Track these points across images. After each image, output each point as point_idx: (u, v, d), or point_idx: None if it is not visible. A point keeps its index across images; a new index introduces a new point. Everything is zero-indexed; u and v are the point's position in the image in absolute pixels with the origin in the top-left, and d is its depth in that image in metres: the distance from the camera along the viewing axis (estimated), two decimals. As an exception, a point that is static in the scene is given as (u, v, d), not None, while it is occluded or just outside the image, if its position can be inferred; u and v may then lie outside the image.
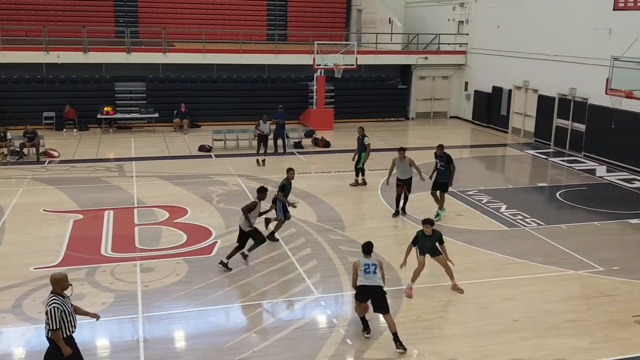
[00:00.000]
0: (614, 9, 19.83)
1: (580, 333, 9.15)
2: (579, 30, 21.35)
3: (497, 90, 26.53)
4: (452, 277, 10.49)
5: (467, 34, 28.83)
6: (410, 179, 14.41)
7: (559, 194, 16.64)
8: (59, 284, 6.81)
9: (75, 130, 24.76)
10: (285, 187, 12.78)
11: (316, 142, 22.95)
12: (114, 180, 17.33)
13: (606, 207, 15.34)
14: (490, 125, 27.15)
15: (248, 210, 11.34)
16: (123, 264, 11.41)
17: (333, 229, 13.56)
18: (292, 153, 21.48)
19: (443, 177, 14.18)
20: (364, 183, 17.12)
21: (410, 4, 34.31)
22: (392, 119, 28.70)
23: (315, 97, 26.48)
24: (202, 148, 21.60)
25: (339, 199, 15.88)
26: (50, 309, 6.66)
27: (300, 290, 10.45)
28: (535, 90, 24.16)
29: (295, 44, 30.88)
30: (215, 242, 12.63)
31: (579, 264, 11.70)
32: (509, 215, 14.65)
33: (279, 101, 23.94)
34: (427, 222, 10.26)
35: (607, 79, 15.75)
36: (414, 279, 10.35)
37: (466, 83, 29.16)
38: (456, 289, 10.47)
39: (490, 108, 27.11)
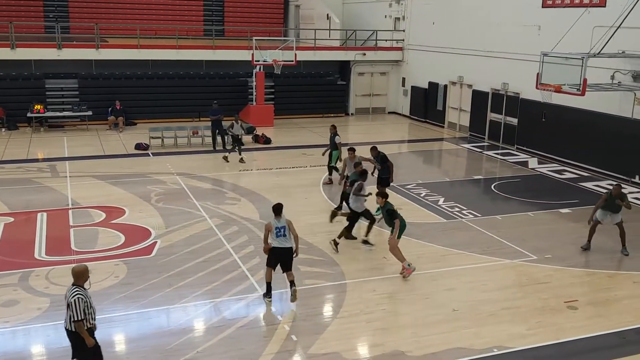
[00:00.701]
0: (542, 6, 20.61)
1: (517, 320, 9.48)
2: (510, 27, 22.07)
3: (433, 85, 27.13)
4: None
5: (404, 31, 29.31)
6: None
7: (494, 186, 17.18)
8: (82, 276, 6.95)
9: (3, 129, 23.69)
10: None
11: (257, 138, 22.82)
12: (47, 181, 16.68)
13: (538, 198, 15.95)
14: (427, 120, 27.72)
15: (358, 190, 12.10)
16: (58, 268, 11.00)
17: (275, 225, 13.50)
18: (233, 150, 21.25)
19: (383, 173, 14.51)
20: (330, 182, 17.12)
21: (347, 1, 34.57)
22: (332, 115, 28.85)
23: (254, 93, 26.30)
24: (138, 146, 21.09)
25: (281, 196, 15.79)
26: (75, 300, 6.76)
27: (244, 289, 10.38)
28: (470, 86, 24.83)
29: (233, 39, 30.55)
30: (155, 243, 12.37)
31: (514, 254, 12.12)
32: (447, 208, 15.01)
33: (218, 97, 23.67)
34: (377, 194, 11.14)
35: (538, 74, 16.35)
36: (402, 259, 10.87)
37: (403, 79, 29.66)
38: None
39: (427, 103, 27.67)
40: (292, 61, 25.50)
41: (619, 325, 9.30)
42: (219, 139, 21.24)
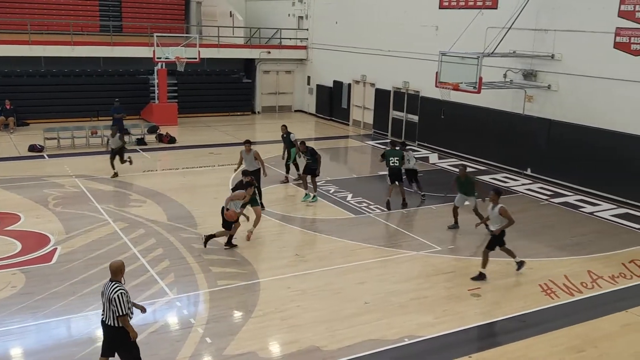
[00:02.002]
0: (439, 7, 21.49)
1: (424, 309, 9.84)
2: (409, 27, 22.84)
3: (338, 84, 27.57)
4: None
5: (307, 30, 29.55)
6: (258, 170, 14.51)
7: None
8: (120, 272, 7.11)
9: None
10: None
11: (160, 138, 22.20)
12: None
13: (439, 192, 16.62)
14: (332, 118, 28.14)
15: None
16: (-54, 280, 10.18)
17: (184, 227, 13.23)
18: (135, 150, 20.57)
19: (313, 164, 15.21)
20: (287, 180, 16.90)
21: (250, -2, 34.43)
22: (238, 113, 28.62)
23: (157, 91, 25.57)
24: (32, 148, 19.91)
25: (189, 196, 15.53)
26: (118, 295, 6.92)
27: (154, 293, 10.07)
28: (373, 84, 25.47)
29: (132, 35, 29.53)
30: (55, 249, 11.73)
31: (419, 245, 12.57)
32: (355, 203, 15.32)
33: (118, 96, 22.87)
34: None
35: (437, 72, 17.03)
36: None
37: (308, 77, 29.92)
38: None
39: (332, 102, 28.09)
40: (196, 58, 25.03)
41: (518, 309, 9.88)
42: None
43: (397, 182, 15.02)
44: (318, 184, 15.98)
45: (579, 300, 10.31)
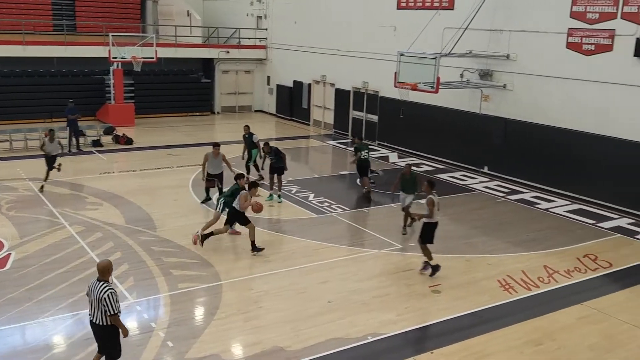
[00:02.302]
0: (397, 8, 21.71)
1: (387, 307, 9.93)
2: (368, 27, 23.00)
3: (298, 84, 27.56)
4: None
5: (266, 29, 29.45)
6: (222, 173, 14.42)
7: (359, 181, 17.79)
8: (108, 271, 7.14)
9: None
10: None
11: (117, 139, 21.78)
12: None
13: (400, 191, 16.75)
14: (293, 118, 28.11)
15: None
16: None
17: (143, 229, 13.02)
18: (91, 152, 20.15)
19: (278, 163, 15.35)
20: (261, 178, 16.70)
21: (208, -2, 34.12)
22: (197, 114, 28.32)
23: (113, 91, 25.07)
24: (-17, 151, 19.29)
25: (147, 198, 15.28)
26: (108, 294, 6.93)
27: (113, 297, 9.87)
28: (332, 84, 25.55)
29: (86, 35, 28.86)
30: (9, 254, 11.38)
31: (381, 244, 12.68)
32: (317, 203, 15.34)
33: (72, 97, 22.31)
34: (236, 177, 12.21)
35: (395, 73, 17.19)
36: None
37: (268, 77, 29.82)
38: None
39: (292, 102, 28.06)
40: (153, 58, 24.63)
41: (477, 305, 10.06)
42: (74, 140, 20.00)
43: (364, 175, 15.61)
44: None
45: (536, 295, 10.56)
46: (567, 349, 8.78)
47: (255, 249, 11.82)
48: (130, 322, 9.17)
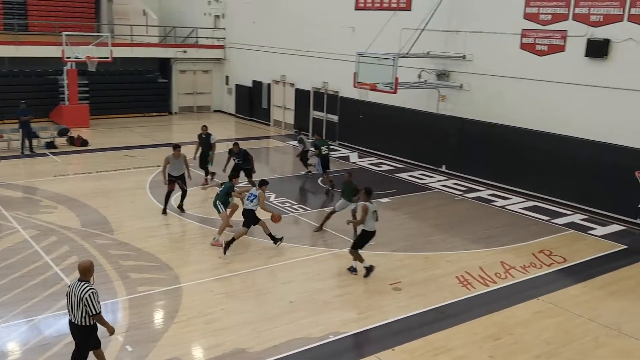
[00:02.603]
0: (355, 9, 21.84)
1: (349, 306, 9.98)
2: (327, 28, 23.06)
3: (257, 84, 27.44)
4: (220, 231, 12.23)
5: (224, 29, 29.22)
6: (184, 175, 14.24)
7: (320, 180, 17.85)
8: (89, 272, 7.06)
9: None
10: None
11: (72, 141, 21.27)
12: None
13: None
14: (253, 119, 27.97)
15: None
16: None
17: (100, 232, 12.75)
18: (45, 154, 19.63)
19: (246, 165, 15.49)
20: (206, 181, 16.45)
21: (164, -3, 33.65)
22: (154, 114, 27.90)
23: (66, 92, 24.47)
24: None
25: (104, 201, 14.97)
26: (90, 294, 6.91)
27: (69, 302, 9.63)
28: (292, 84, 25.53)
29: (39, 34, 28.09)
30: (-41, 261, 10.99)
31: (343, 243, 12.70)
32: (278, 204, 15.30)
33: (25, 97, 21.64)
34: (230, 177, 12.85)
35: (354, 73, 17.30)
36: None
37: (227, 77, 29.60)
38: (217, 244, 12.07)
39: (251, 102, 27.92)
40: (108, 58, 24.16)
41: (438, 301, 10.20)
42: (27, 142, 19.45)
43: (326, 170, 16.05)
44: (239, 184, 15.82)
45: (494, 290, 10.77)
46: (524, 342, 8.99)
47: (275, 240, 12.28)
48: (87, 327, 8.98)
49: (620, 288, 11.09)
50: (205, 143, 16.56)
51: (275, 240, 12.30)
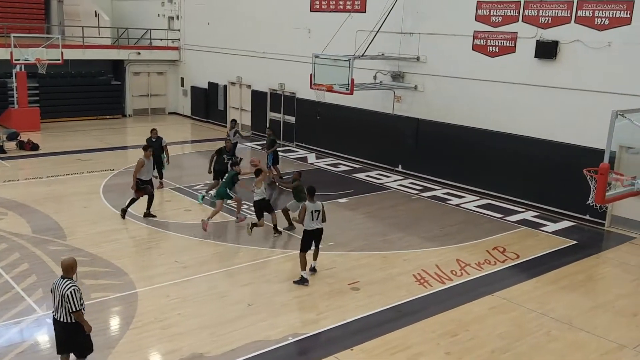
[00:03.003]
0: (311, 10, 21.89)
1: (308, 307, 9.99)
2: (283, 29, 23.05)
3: (213, 85, 27.21)
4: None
5: (179, 30, 28.88)
6: (151, 179, 14.05)
7: (278, 182, 17.80)
8: (72, 269, 7.20)
9: None
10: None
11: (22, 145, 20.65)
12: None
13: (319, 191, 16.82)
14: (209, 120, 27.71)
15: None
16: None
17: (52, 239, 12.42)
18: (-7, 159, 19.02)
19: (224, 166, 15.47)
20: (161, 186, 16.20)
21: (117, -3, 33.04)
22: (107, 117, 27.35)
23: (16, 95, 23.76)
24: None
25: (56, 206, 14.60)
26: (71, 291, 7.03)
27: (21, 311, 9.36)
28: (249, 86, 25.41)
29: (-15, 36, 27.19)
30: None
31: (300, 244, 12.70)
32: (234, 206, 15.15)
33: (-29, 101, 20.96)
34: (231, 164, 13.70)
35: (311, 74, 17.32)
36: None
37: (182, 79, 29.25)
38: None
39: (207, 103, 27.66)
40: (59, 60, 23.58)
41: (396, 299, 10.31)
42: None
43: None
44: (196, 187, 15.71)
45: (450, 288, 10.95)
46: (480, 338, 9.16)
47: (277, 231, 13.14)
48: (40, 335, 8.76)
49: (571, 282, 11.44)
50: (157, 147, 15.90)
51: (277, 231, 13.15)
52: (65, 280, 7.16)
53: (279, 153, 18.69)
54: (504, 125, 16.56)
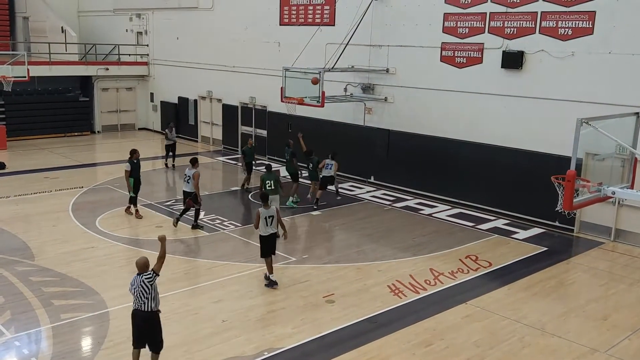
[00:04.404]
0: (280, 24, 21.96)
1: (283, 321, 9.93)
2: (252, 43, 23.06)
3: (183, 100, 27.05)
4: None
5: (147, 45, 28.70)
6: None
7: (251, 196, 17.75)
8: (146, 266, 7.94)
9: None
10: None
11: (-12, 164, 20.23)
12: None
13: (283, 204, 16.89)
14: (180, 135, 27.39)
15: None
16: None
17: (20, 259, 12.14)
18: (-43, 179, 18.56)
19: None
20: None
21: (83, 13, 32.68)
22: (76, 134, 26.96)
23: (-19, 113, 23.30)
24: None
25: (23, 225, 14.30)
26: (155, 285, 7.91)
27: (-13, 334, 9.12)
28: (220, 100, 25.32)
29: (-52, 53, 26.63)
30: None
31: (275, 258, 12.58)
32: (208, 221, 15.07)
33: None
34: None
35: (282, 87, 17.36)
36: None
37: (152, 94, 29.02)
38: None
39: (178, 118, 27.44)
40: (25, 77, 23.17)
41: (371, 311, 10.31)
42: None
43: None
44: (167, 203, 15.53)
45: (424, 297, 11.00)
46: (455, 347, 9.21)
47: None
48: (9, 356, 8.52)
49: (542, 289, 11.59)
50: (137, 169, 15.27)
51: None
52: (147, 274, 7.86)
53: (253, 166, 18.66)
54: (473, 134, 16.78)
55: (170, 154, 21.36)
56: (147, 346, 8.06)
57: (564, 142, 13.43)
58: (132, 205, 15.24)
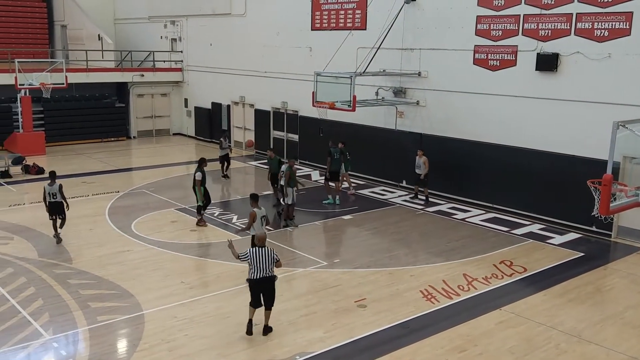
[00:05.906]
0: (312, 29, 22.06)
1: (314, 325, 9.94)
2: (284, 49, 23.22)
3: (217, 105, 27.36)
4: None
5: (182, 52, 29.14)
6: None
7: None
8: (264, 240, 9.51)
9: None
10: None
11: (27, 169, 20.76)
12: None
13: (323, 208, 16.94)
14: (213, 140, 27.78)
15: None
16: None
17: (58, 262, 12.44)
18: (-1, 184, 19.14)
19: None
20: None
21: (119, 21, 33.36)
22: (112, 139, 27.51)
23: (21, 119, 23.95)
24: None
25: (63, 229, 14.62)
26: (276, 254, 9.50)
27: (27, 335, 9.35)
28: (252, 105, 25.54)
29: (-10, 62, 27.49)
30: None
31: (307, 262, 12.70)
32: (241, 225, 15.16)
33: (-23, 126, 21.14)
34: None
35: (313, 92, 17.42)
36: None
37: (186, 100, 29.44)
38: None
39: (211, 123, 27.79)
40: (63, 84, 23.79)
41: (403, 316, 10.26)
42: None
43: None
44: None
45: (458, 303, 10.89)
46: (489, 353, 9.10)
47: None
48: (47, 359, 8.74)
49: (579, 295, 11.36)
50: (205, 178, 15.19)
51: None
52: (266, 247, 9.37)
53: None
54: (507, 138, 16.56)
55: (226, 163, 20.71)
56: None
57: (600, 146, 13.15)
58: (202, 217, 15.11)
